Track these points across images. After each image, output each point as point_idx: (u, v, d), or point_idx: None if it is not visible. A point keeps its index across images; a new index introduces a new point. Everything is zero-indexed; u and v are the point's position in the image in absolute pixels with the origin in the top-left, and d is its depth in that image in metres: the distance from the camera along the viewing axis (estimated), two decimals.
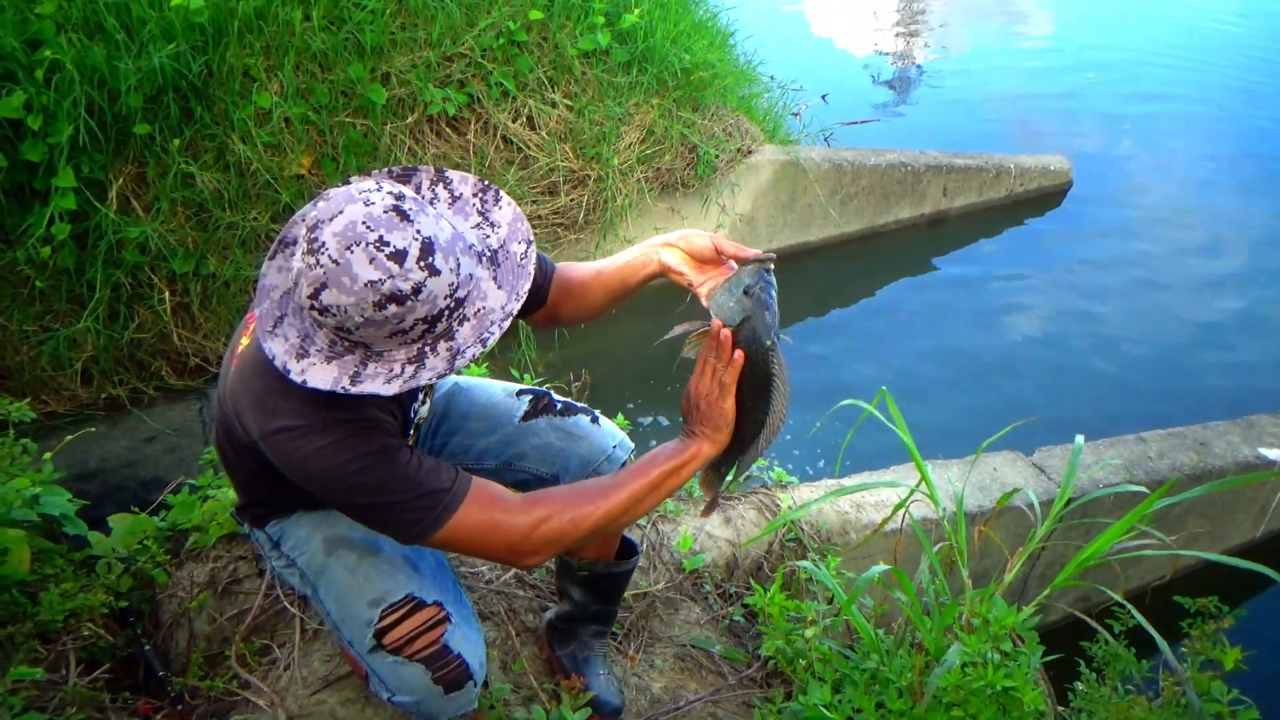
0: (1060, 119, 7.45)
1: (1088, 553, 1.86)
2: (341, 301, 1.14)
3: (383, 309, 1.14)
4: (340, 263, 1.13)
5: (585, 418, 1.79)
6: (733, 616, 2.26)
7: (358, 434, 1.29)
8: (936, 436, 3.73)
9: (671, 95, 4.56)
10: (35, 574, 1.87)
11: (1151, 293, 5.32)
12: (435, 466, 1.33)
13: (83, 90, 3.30)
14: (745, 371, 1.39)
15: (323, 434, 1.26)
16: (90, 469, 3.37)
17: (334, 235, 1.13)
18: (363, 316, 1.15)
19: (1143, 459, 3.10)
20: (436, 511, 1.31)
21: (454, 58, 4.13)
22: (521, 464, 1.76)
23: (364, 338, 1.19)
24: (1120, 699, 1.80)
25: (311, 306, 1.16)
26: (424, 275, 1.15)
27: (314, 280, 1.14)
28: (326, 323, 1.17)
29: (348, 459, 1.27)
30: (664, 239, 1.51)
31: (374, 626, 1.46)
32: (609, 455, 1.76)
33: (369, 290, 1.13)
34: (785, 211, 5.13)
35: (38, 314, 3.49)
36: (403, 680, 1.46)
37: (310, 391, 1.24)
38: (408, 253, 1.14)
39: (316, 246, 1.14)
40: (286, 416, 1.27)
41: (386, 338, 1.19)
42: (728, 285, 1.39)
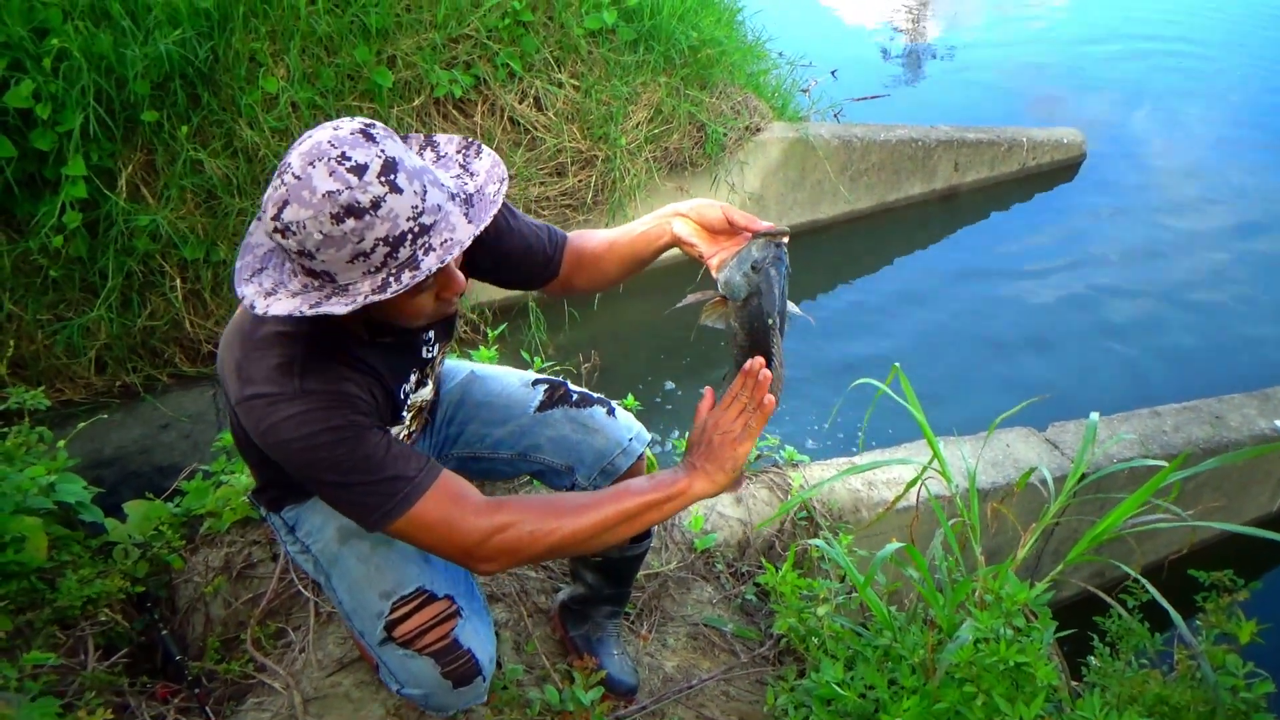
0: (1074, 91, 7.36)
1: (1101, 527, 1.85)
2: (300, 216, 1.11)
3: (340, 222, 1.11)
4: (301, 177, 1.11)
5: (601, 409, 1.76)
6: (745, 595, 2.26)
7: (328, 407, 1.25)
8: (950, 413, 3.72)
9: (679, 73, 4.52)
10: (53, 561, 1.89)
11: (1166, 266, 5.27)
12: (404, 453, 1.30)
13: (90, 78, 3.31)
14: (748, 348, 1.37)
15: (291, 403, 1.23)
16: (106, 456, 3.40)
17: (299, 155, 1.12)
18: (321, 232, 1.11)
19: (1157, 433, 3.08)
20: (397, 499, 1.27)
21: (460, 39, 4.10)
22: (537, 455, 1.74)
23: (326, 263, 1.14)
24: (1134, 673, 1.79)
25: (275, 229, 1.13)
26: (384, 190, 1.12)
27: (277, 200, 1.12)
28: (289, 247, 1.14)
29: (314, 430, 1.23)
30: (676, 208, 1.48)
31: (385, 619, 1.46)
32: (625, 448, 1.74)
33: (326, 201, 1.10)
34: (795, 189, 5.10)
35: (51, 303, 3.52)
36: (412, 673, 1.47)
37: (284, 360, 1.23)
38: (368, 166, 1.12)
39: (282, 169, 1.13)
40: (258, 384, 1.24)
41: (348, 262, 1.14)
42: (737, 259, 1.35)
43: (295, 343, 1.27)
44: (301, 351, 1.26)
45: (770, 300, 1.34)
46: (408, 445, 1.34)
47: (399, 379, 1.46)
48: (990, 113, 6.68)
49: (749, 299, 1.34)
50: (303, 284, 1.18)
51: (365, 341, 1.36)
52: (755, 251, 1.34)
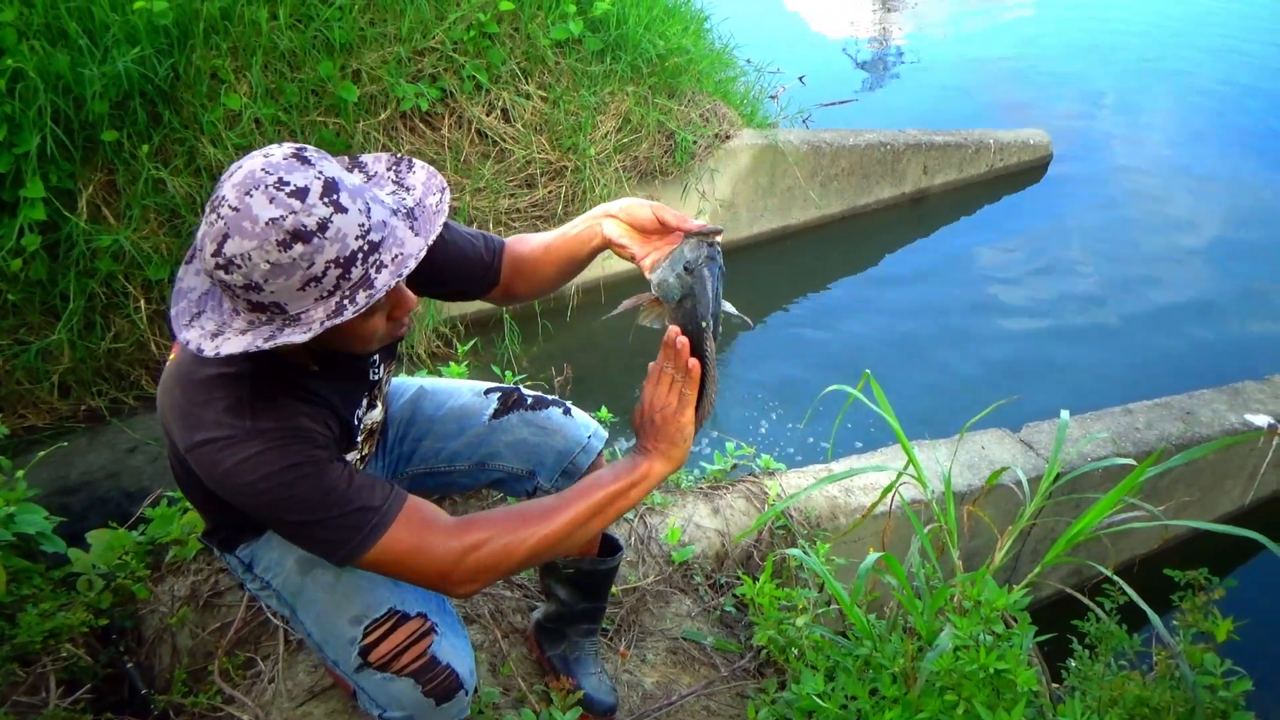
0: (1040, 93, 7.44)
1: (1076, 529, 1.84)
2: (245, 248, 1.06)
3: (288, 249, 1.06)
4: (240, 208, 1.06)
5: (557, 410, 1.74)
6: (724, 607, 2.24)
7: (284, 444, 1.21)
8: (924, 416, 3.72)
9: (647, 82, 4.52)
10: (12, 595, 1.83)
11: (1134, 264, 5.33)
12: (368, 483, 1.26)
13: (47, 98, 3.25)
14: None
15: (246, 444, 1.19)
16: (72, 482, 3.33)
17: (233, 186, 1.08)
18: (268, 262, 1.07)
19: (1130, 430, 3.10)
20: (365, 531, 1.23)
21: (425, 52, 4.08)
22: (495, 463, 1.72)
23: (275, 293, 1.09)
24: (1114, 675, 1.79)
25: (216, 265, 1.08)
26: (329, 210, 1.08)
27: (216, 235, 1.07)
28: (234, 282, 1.09)
29: (273, 470, 1.19)
30: (606, 209, 1.45)
31: (358, 644, 1.42)
32: (584, 445, 1.72)
33: (271, 229, 1.06)
34: (766, 196, 5.10)
35: (11, 327, 3.45)
36: (392, 696, 1.43)
37: (233, 400, 1.19)
38: (309, 189, 1.08)
39: (216, 203, 1.08)
40: (209, 428, 1.20)
41: (299, 290, 1.10)
42: (670, 260, 1.32)
43: (241, 382, 1.22)
44: (249, 391, 1.22)
45: (704, 303, 1.30)
46: (368, 474, 1.31)
47: (352, 406, 1.42)
48: (958, 115, 6.74)
49: (683, 300, 1.31)
50: (249, 320, 1.13)
51: (313, 373, 1.32)
52: (687, 252, 1.31)
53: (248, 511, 1.25)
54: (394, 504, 1.26)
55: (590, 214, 1.48)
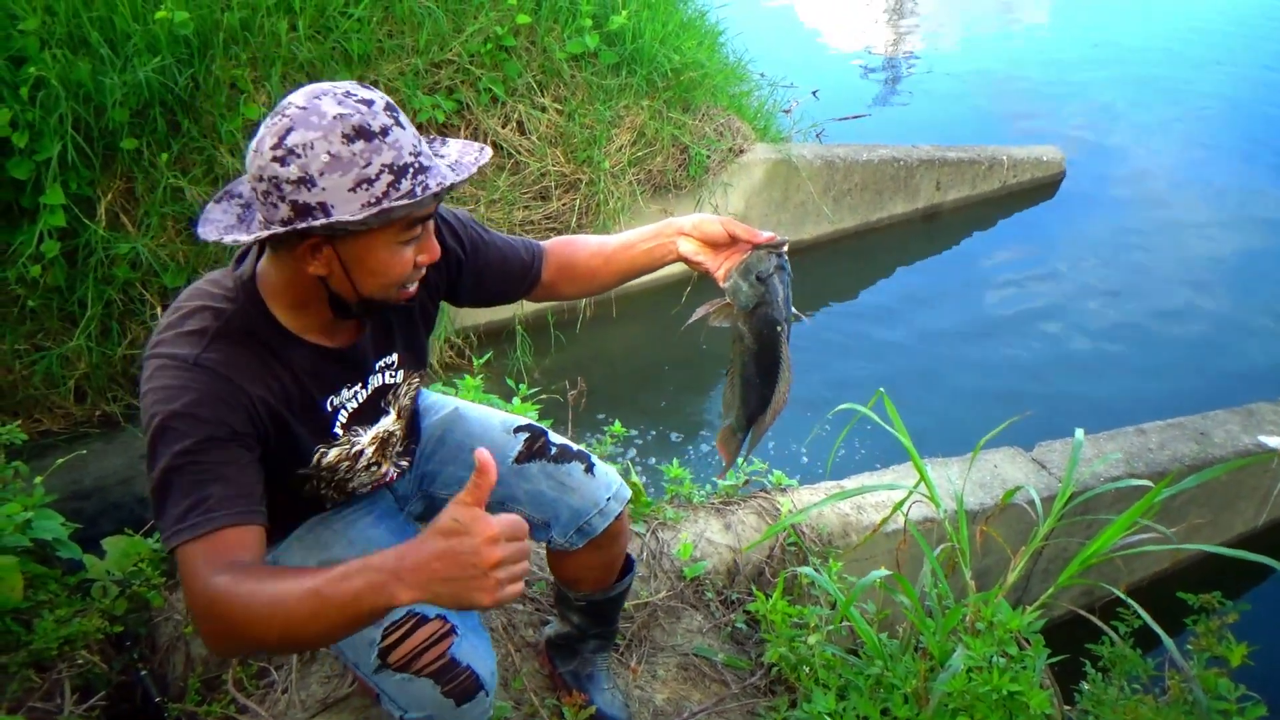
0: (1053, 109, 7.44)
1: (1090, 550, 1.84)
2: (309, 138, 1.10)
3: (351, 142, 1.11)
4: (307, 107, 1.12)
5: (579, 465, 1.71)
6: (735, 623, 2.24)
7: (215, 393, 1.19)
8: (937, 433, 3.71)
9: (661, 96, 4.54)
10: (29, 601, 1.85)
11: (1148, 281, 5.31)
12: (240, 482, 1.20)
13: (68, 106, 3.28)
14: (756, 352, 1.43)
15: (175, 371, 1.19)
16: (86, 487, 3.35)
17: (301, 94, 1.14)
18: (330, 153, 1.10)
19: (1143, 451, 3.09)
20: (186, 526, 1.14)
21: (442, 64, 4.11)
22: (514, 506, 1.70)
23: (326, 190, 1.12)
24: (1127, 698, 1.78)
25: (274, 159, 1.10)
26: (391, 121, 1.15)
27: (278, 130, 1.11)
28: (287, 176, 1.11)
29: (181, 406, 1.17)
30: (678, 226, 1.50)
31: (378, 646, 1.40)
32: (601, 508, 1.69)
33: (338, 122, 1.11)
34: (779, 210, 5.11)
35: (29, 333, 3.48)
36: (413, 697, 1.43)
37: (198, 326, 1.22)
38: (374, 101, 1.15)
39: (281, 109, 1.13)
40: (168, 345, 1.21)
41: (350, 190, 1.12)
42: (743, 268, 1.41)
43: (217, 315, 1.24)
44: (217, 325, 1.23)
45: (777, 308, 1.39)
46: (250, 474, 1.24)
47: (326, 388, 1.39)
48: (971, 131, 6.74)
49: (757, 307, 1.40)
50: (286, 225, 1.14)
51: (297, 341, 1.31)
52: (757, 263, 1.39)
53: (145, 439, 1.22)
54: (221, 519, 1.16)
55: (659, 228, 1.52)
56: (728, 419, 1.53)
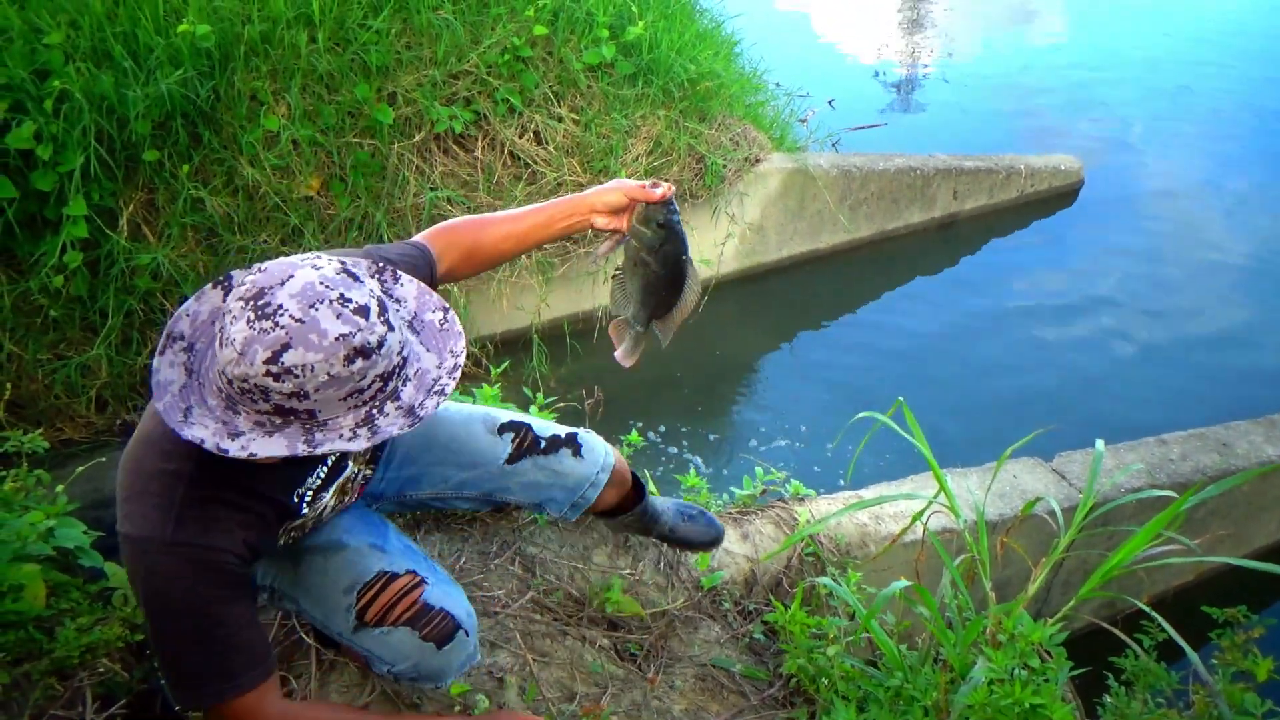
0: (1071, 118, 7.40)
1: (1113, 562, 1.82)
2: (308, 359, 1.09)
3: (351, 363, 1.11)
4: (305, 321, 1.09)
5: (569, 451, 1.83)
6: (753, 634, 2.23)
7: (200, 567, 1.26)
8: (956, 443, 3.70)
9: (678, 106, 4.55)
10: (51, 609, 1.86)
11: (1167, 291, 5.27)
12: (246, 644, 1.34)
13: (91, 119, 3.33)
14: (664, 275, 1.69)
15: (156, 555, 1.24)
16: (106, 495, 3.34)
17: (291, 297, 1.10)
18: (329, 373, 1.10)
19: (1164, 462, 3.06)
20: (209, 693, 1.32)
21: (459, 75, 4.13)
22: (504, 496, 1.84)
23: (315, 403, 1.12)
24: (1150, 713, 1.76)
25: (266, 373, 1.08)
26: (385, 330, 1.15)
27: (273, 343, 1.08)
28: (277, 389, 1.10)
29: (177, 591, 1.26)
30: (590, 204, 1.62)
31: (354, 609, 1.50)
32: (593, 481, 1.84)
33: (340, 344, 1.10)
34: (795, 219, 5.11)
35: (51, 342, 3.52)
36: (393, 648, 1.50)
37: (163, 501, 1.23)
38: (369, 308, 1.13)
39: (270, 310, 1.09)
40: (134, 523, 1.25)
41: (340, 400, 1.13)
42: (641, 219, 1.65)
43: (178, 483, 1.25)
44: (182, 493, 1.25)
45: (680, 242, 1.67)
46: (250, 629, 1.36)
47: (294, 486, 1.42)
48: (988, 140, 6.72)
49: (663, 245, 1.66)
50: (256, 421, 1.14)
51: (262, 467, 1.31)
52: (655, 212, 1.64)
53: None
54: (246, 683, 1.33)
55: (571, 208, 1.63)
56: (624, 314, 1.77)
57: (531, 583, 2.15)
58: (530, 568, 2.19)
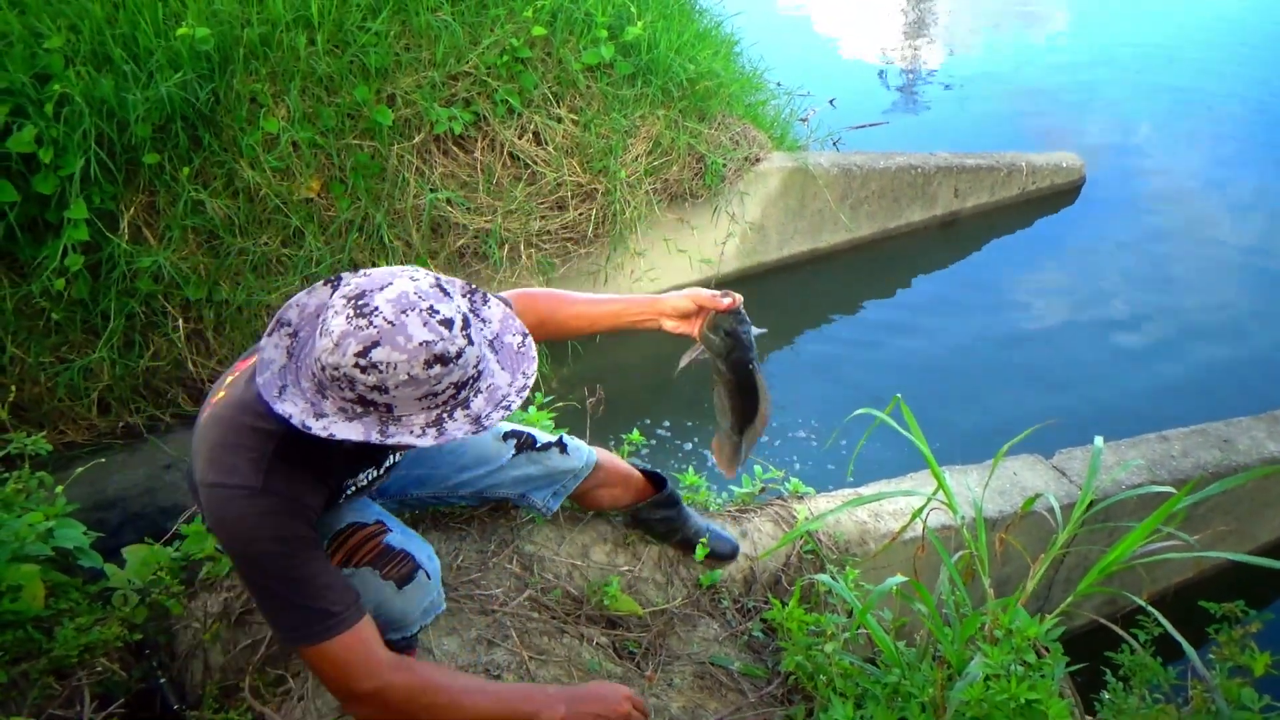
0: (1073, 116, 7.39)
1: (1111, 558, 1.82)
2: (393, 358, 1.21)
3: (430, 368, 1.23)
4: (395, 324, 1.22)
5: (556, 450, 2.04)
6: (751, 632, 2.23)
7: (282, 514, 1.34)
8: (955, 440, 3.69)
9: (677, 106, 4.55)
10: (50, 609, 1.86)
11: (1169, 288, 5.26)
12: (336, 585, 1.39)
13: (92, 122, 3.34)
14: (737, 382, 1.80)
15: (251, 500, 1.32)
16: (109, 497, 3.38)
17: (387, 301, 1.23)
18: (408, 374, 1.23)
19: (1165, 458, 3.05)
20: (316, 629, 1.36)
21: (459, 76, 4.14)
22: (494, 492, 2.03)
23: (393, 398, 1.24)
24: (1148, 708, 1.76)
25: (356, 365, 1.22)
26: (464, 343, 1.27)
27: (365, 339, 1.21)
28: (362, 380, 1.22)
29: (263, 535, 1.32)
30: (660, 308, 1.77)
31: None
32: (575, 472, 2.06)
33: (422, 349, 1.22)
34: (796, 218, 5.11)
35: (54, 345, 3.53)
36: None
37: (256, 454, 1.33)
38: (454, 321, 1.26)
39: (367, 311, 1.22)
40: (226, 473, 1.32)
41: (416, 399, 1.25)
42: (710, 326, 1.78)
43: (270, 439, 1.35)
44: (273, 449, 1.34)
45: (745, 350, 1.77)
46: (338, 572, 1.44)
47: (351, 475, 1.55)
48: (989, 138, 6.70)
49: (730, 352, 1.77)
50: (340, 407, 1.27)
51: (333, 452, 1.43)
52: (724, 321, 1.76)
53: (227, 555, 1.38)
54: (351, 616, 1.39)
55: (645, 308, 1.78)
56: (724, 425, 1.89)
57: (529, 581, 2.15)
58: (528, 565, 2.19)
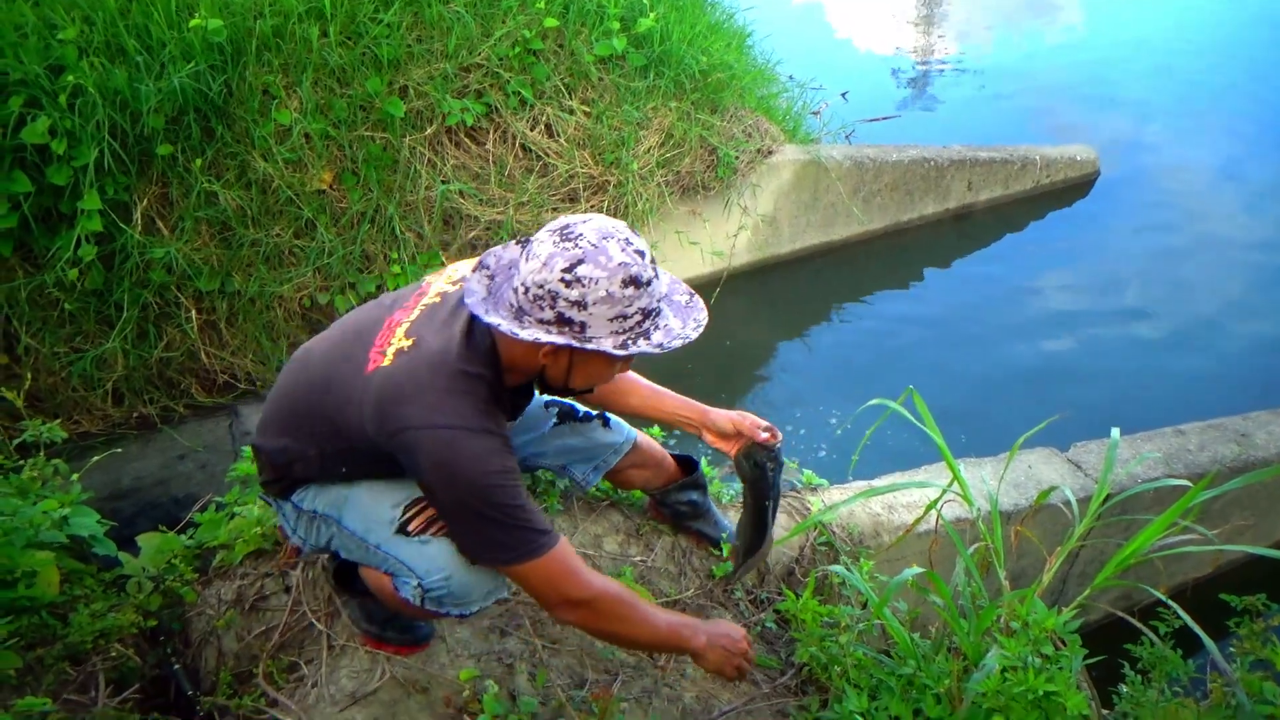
0: (1086, 109, 7.33)
1: (1128, 551, 1.80)
2: (596, 275, 1.39)
3: (626, 287, 1.41)
4: (597, 246, 1.40)
5: (599, 423, 2.10)
6: (765, 623, 2.22)
7: (500, 450, 1.48)
8: (969, 434, 3.67)
9: (689, 98, 4.53)
10: (64, 595, 1.87)
11: (1184, 282, 5.21)
12: (536, 510, 1.53)
13: (105, 113, 3.34)
14: (753, 509, 1.97)
15: (476, 438, 1.45)
16: (123, 487, 3.40)
17: (590, 229, 1.43)
18: (607, 291, 1.40)
19: (1182, 452, 3.02)
20: (533, 548, 1.50)
21: (471, 68, 4.13)
22: (538, 461, 2.11)
23: (590, 316, 1.41)
24: (1167, 701, 1.74)
25: (561, 280, 1.39)
26: (653, 274, 1.45)
27: (571, 257, 1.39)
28: (565, 294, 1.39)
29: (488, 469, 1.45)
30: (706, 422, 1.99)
31: (397, 521, 1.63)
32: (616, 447, 2.12)
33: (620, 269, 1.40)
34: (808, 211, 5.09)
35: (68, 335, 3.54)
36: (430, 559, 1.60)
37: (475, 399, 1.47)
38: (645, 253, 1.45)
39: (573, 236, 1.41)
40: (455, 416, 1.44)
41: (608, 320, 1.42)
42: (744, 453, 1.94)
43: (482, 384, 1.50)
44: (486, 394, 1.50)
45: (765, 489, 1.93)
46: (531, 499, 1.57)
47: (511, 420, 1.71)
48: (1002, 131, 6.66)
49: (754, 483, 1.93)
50: (542, 328, 1.42)
51: (512, 394, 1.62)
52: (755, 452, 1.92)
53: (439, 494, 1.50)
54: (555, 537, 1.54)
55: (696, 416, 1.99)
56: (738, 540, 2.05)
57: None
58: None
